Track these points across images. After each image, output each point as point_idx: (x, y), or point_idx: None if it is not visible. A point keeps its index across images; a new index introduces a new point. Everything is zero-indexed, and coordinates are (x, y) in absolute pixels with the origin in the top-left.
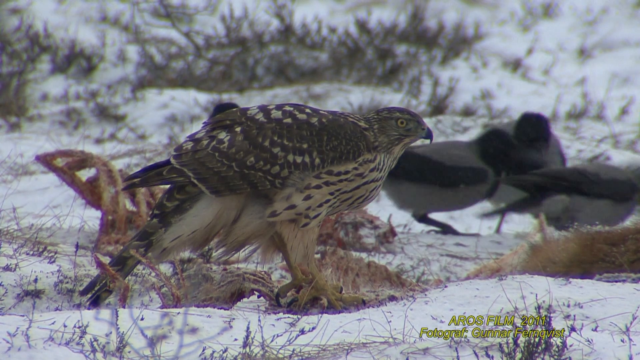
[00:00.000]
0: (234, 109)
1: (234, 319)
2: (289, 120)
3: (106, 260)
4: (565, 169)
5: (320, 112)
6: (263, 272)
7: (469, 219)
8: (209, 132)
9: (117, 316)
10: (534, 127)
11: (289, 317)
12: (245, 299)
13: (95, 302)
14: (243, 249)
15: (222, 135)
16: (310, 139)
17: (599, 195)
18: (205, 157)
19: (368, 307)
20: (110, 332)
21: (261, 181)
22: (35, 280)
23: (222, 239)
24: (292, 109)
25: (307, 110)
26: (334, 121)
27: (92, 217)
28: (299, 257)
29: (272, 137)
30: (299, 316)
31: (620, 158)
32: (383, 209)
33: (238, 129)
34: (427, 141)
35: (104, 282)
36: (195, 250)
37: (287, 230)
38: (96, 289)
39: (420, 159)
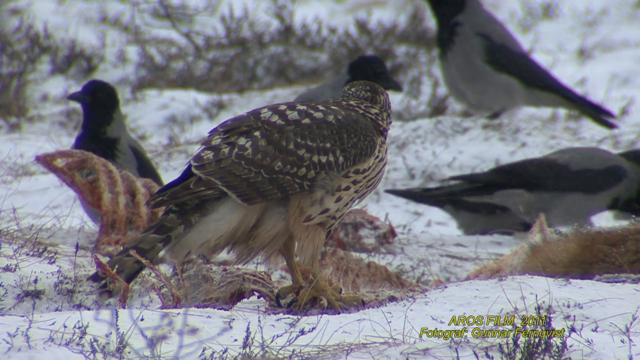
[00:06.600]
0: (246, 115)
1: (233, 319)
2: (307, 120)
3: (106, 260)
4: (530, 162)
5: (331, 107)
6: (263, 273)
7: None
8: (225, 140)
9: (117, 317)
10: None
11: (288, 317)
12: (245, 300)
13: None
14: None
15: (242, 141)
16: (332, 137)
17: (568, 188)
18: (231, 166)
19: (368, 308)
20: (110, 333)
21: (290, 184)
22: (35, 281)
23: (245, 243)
24: (305, 107)
25: (320, 107)
26: (348, 117)
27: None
28: (307, 258)
29: (295, 139)
30: (299, 317)
31: None
32: (383, 209)
33: (257, 134)
34: None
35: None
36: (212, 254)
37: (300, 230)
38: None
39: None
